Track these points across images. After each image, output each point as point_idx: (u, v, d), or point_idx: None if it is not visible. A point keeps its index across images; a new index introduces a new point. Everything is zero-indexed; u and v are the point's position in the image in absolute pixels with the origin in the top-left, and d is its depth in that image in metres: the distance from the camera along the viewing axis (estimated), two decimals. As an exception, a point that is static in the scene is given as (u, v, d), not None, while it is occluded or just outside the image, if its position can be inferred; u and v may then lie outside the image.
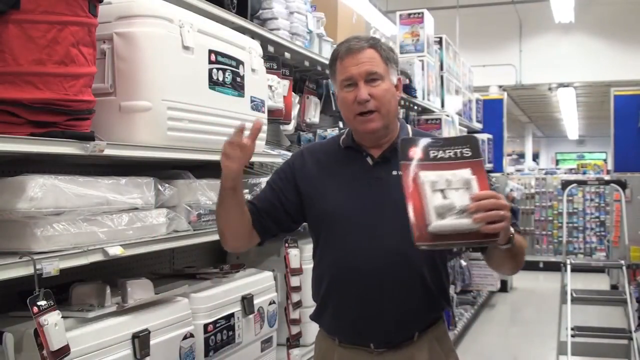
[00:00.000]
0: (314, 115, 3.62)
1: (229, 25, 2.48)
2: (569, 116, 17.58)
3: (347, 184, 1.91)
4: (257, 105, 2.44)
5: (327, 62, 3.58)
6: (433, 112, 5.94)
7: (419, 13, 5.87)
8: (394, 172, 1.81)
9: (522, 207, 11.78)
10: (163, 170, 2.16)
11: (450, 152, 1.58)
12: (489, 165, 8.73)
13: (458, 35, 9.26)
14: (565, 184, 6.49)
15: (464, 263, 7.21)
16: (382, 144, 1.91)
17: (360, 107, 1.82)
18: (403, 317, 1.85)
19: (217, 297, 2.23)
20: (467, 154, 1.58)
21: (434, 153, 1.58)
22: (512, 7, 11.30)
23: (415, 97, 5.27)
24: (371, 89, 1.82)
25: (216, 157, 2.24)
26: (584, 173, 13.79)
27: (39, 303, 1.47)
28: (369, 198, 1.86)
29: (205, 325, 2.13)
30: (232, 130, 2.29)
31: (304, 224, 2.02)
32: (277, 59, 3.02)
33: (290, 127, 3.25)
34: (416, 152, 1.57)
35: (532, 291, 9.76)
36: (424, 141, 1.61)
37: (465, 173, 1.53)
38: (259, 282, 2.49)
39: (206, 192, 2.21)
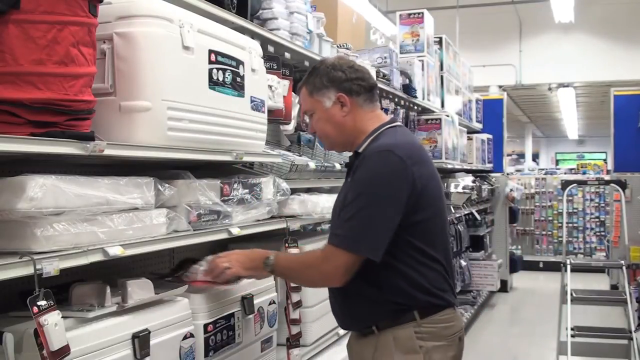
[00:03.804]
0: (314, 115, 3.62)
1: (229, 25, 2.48)
2: (569, 116, 17.59)
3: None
4: (257, 105, 2.44)
5: (327, 62, 3.60)
6: (433, 112, 5.94)
7: (419, 13, 5.87)
8: (348, 179, 2.12)
9: (522, 207, 11.78)
10: (163, 170, 2.16)
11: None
12: (489, 165, 8.74)
13: (458, 35, 9.27)
14: (565, 184, 6.49)
15: (463, 263, 7.21)
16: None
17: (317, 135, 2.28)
18: (346, 311, 2.14)
19: (217, 297, 2.23)
20: None
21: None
22: (512, 7, 11.30)
23: (415, 97, 5.27)
24: (312, 121, 2.21)
25: (216, 157, 2.25)
26: (584, 173, 13.78)
27: (39, 303, 1.47)
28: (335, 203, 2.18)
29: (205, 325, 2.13)
30: (232, 131, 2.32)
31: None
32: (277, 59, 3.02)
33: (290, 127, 3.24)
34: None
35: (532, 291, 9.76)
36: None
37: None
38: (259, 282, 2.48)
39: (206, 192, 2.20)
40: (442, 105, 6.39)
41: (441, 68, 6.46)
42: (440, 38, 6.47)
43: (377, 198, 1.94)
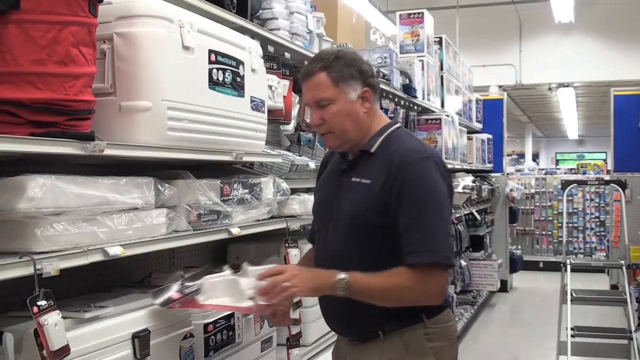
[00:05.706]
0: (314, 115, 3.62)
1: (229, 25, 2.48)
2: (569, 116, 17.59)
3: (326, 187, 2.12)
4: (257, 105, 2.44)
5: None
6: (433, 112, 5.93)
7: (419, 13, 5.87)
8: (354, 179, 1.97)
9: (522, 207, 11.78)
10: (163, 170, 2.16)
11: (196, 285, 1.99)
12: (489, 165, 8.74)
13: (458, 35, 9.26)
14: (565, 184, 6.49)
15: (463, 263, 7.21)
16: (355, 151, 2.03)
17: (318, 129, 2.01)
18: (349, 317, 2.00)
19: (217, 297, 2.22)
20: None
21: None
22: (512, 7, 11.30)
23: (415, 97, 5.26)
24: (322, 112, 1.94)
25: (216, 157, 2.25)
26: (584, 173, 13.78)
27: (39, 303, 1.48)
28: (329, 202, 2.04)
29: (205, 325, 2.14)
30: (232, 131, 2.31)
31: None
32: (277, 59, 3.02)
33: (290, 127, 3.24)
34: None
35: (532, 291, 9.76)
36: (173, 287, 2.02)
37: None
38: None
39: (206, 192, 2.20)
40: (442, 105, 6.39)
41: (441, 68, 6.45)
42: (440, 38, 6.46)
43: (438, 205, 1.88)
